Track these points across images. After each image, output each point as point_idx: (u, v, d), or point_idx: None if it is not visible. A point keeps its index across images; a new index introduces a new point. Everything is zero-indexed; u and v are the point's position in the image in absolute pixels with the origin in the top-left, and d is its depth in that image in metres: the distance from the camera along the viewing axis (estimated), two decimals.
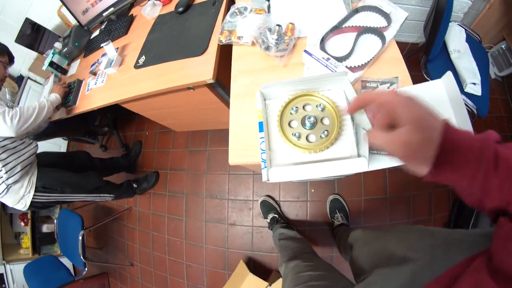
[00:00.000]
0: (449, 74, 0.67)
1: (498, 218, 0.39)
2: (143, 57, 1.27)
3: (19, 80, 2.37)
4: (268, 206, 1.71)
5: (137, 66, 1.27)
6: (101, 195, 1.82)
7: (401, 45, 0.93)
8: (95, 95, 1.45)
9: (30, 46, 1.95)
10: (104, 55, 1.55)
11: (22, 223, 2.39)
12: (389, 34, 0.88)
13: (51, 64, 1.79)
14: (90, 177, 1.75)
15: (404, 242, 0.65)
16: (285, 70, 0.89)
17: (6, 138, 1.32)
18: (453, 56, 1.41)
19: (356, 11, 0.95)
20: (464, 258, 0.47)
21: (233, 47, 0.99)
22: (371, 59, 0.84)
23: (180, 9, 1.29)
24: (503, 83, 1.94)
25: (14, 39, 1.86)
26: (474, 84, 1.33)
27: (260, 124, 0.68)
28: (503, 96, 1.91)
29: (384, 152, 0.63)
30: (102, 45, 1.46)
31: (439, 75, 1.42)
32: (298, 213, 1.72)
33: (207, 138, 2.09)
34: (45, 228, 2.50)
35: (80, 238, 1.78)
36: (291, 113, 0.70)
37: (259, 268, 1.72)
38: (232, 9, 1.05)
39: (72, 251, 1.84)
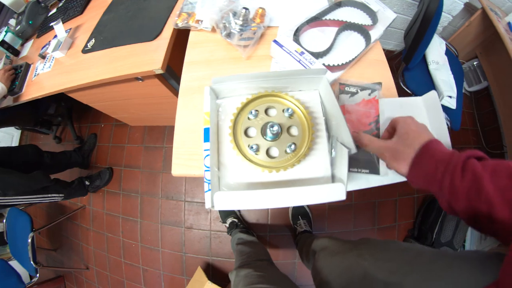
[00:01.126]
0: (433, 93, 0.57)
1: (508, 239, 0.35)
2: (93, 40, 1.06)
3: None
4: (227, 210, 1.54)
5: (85, 50, 1.06)
6: (49, 195, 1.55)
7: None
8: (42, 81, 1.22)
9: None
10: (55, 37, 1.29)
11: None
12: (375, 33, 0.75)
13: (2, 43, 1.50)
14: (36, 177, 1.49)
15: (384, 263, 0.51)
16: (248, 63, 0.72)
17: None
18: (432, 67, 1.34)
19: (339, 4, 0.81)
20: None
21: (190, 33, 0.81)
22: (353, 59, 0.71)
23: None
24: (471, 98, 1.96)
25: None
26: (450, 97, 1.28)
27: (206, 131, 0.48)
28: (470, 110, 1.92)
29: (364, 170, 0.55)
30: (51, 24, 1.23)
31: (415, 85, 1.31)
32: (259, 218, 1.57)
33: (165, 134, 1.88)
34: None
35: (29, 240, 1.49)
36: (249, 118, 0.51)
37: (217, 275, 1.55)
38: None
39: (23, 255, 1.57)
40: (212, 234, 1.61)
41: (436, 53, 1.38)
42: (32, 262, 1.48)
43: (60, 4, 1.52)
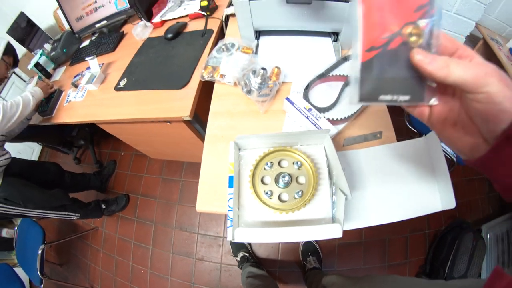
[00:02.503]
0: (432, 134, 0.65)
1: None
2: (125, 79, 1.23)
3: None
4: (239, 244, 1.64)
5: (117, 88, 1.22)
6: (66, 213, 1.71)
7: None
8: (73, 108, 1.39)
9: (21, 41, 1.88)
10: (88, 68, 1.50)
11: None
12: None
13: (37, 65, 1.73)
14: (57, 195, 1.65)
15: None
16: (265, 116, 0.85)
17: None
18: None
19: (345, 59, 0.92)
20: None
21: (215, 85, 0.96)
22: (355, 112, 0.81)
23: (169, 36, 1.26)
24: None
25: (6, 30, 1.80)
26: None
27: (231, 178, 0.62)
28: None
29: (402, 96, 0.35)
30: (86, 58, 1.41)
31: (421, 124, 1.44)
32: (269, 254, 1.65)
33: (183, 168, 2.04)
34: (5, 233, 2.26)
35: (40, 252, 1.64)
36: (265, 169, 0.64)
37: None
38: (220, 44, 1.03)
39: (30, 264, 1.70)
40: (223, 267, 1.69)
41: None
42: (38, 273, 1.61)
43: (93, 38, 1.75)
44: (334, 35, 1.00)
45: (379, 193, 0.68)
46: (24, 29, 1.86)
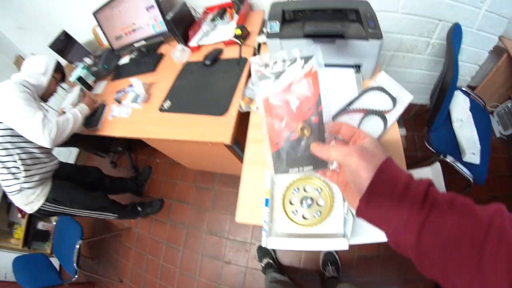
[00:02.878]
0: (437, 165, 0.81)
1: None
2: (168, 102, 1.41)
3: None
4: (264, 251, 1.81)
5: (162, 109, 1.41)
6: (105, 213, 1.94)
7: (409, 106, 1.00)
8: (118, 123, 1.58)
9: (61, 53, 2.14)
10: (130, 86, 1.68)
11: (20, 215, 2.45)
12: (392, 117, 0.98)
13: (80, 79, 1.96)
14: (98, 197, 1.87)
15: None
16: None
17: (38, 147, 1.45)
18: (456, 125, 1.49)
19: (366, 90, 1.06)
20: None
21: (251, 113, 1.13)
22: None
23: (207, 62, 1.44)
24: (507, 142, 1.99)
25: (48, 44, 2.06)
26: (473, 153, 1.39)
27: (267, 200, 0.83)
28: (507, 155, 1.96)
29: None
30: (130, 79, 1.60)
31: (440, 145, 1.49)
32: (292, 261, 1.81)
33: (215, 177, 2.23)
34: (41, 226, 2.57)
35: (77, 246, 1.89)
36: (293, 193, 0.86)
37: None
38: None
39: (66, 256, 1.95)
40: (248, 270, 1.87)
41: (460, 110, 1.51)
42: (74, 265, 1.85)
43: (132, 56, 1.95)
44: (356, 67, 1.14)
45: None
46: (63, 42, 2.11)
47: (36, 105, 1.37)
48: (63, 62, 2.30)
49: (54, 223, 2.20)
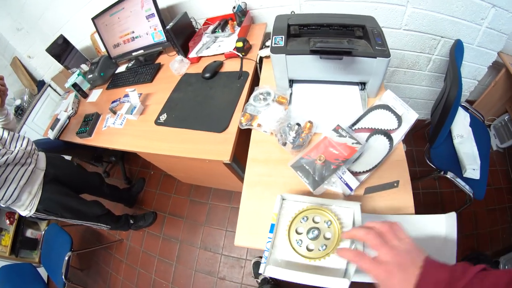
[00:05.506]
0: (452, 215, 0.75)
1: None
2: (165, 115, 1.35)
3: (40, 84, 2.53)
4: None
5: (157, 122, 1.35)
6: (99, 224, 1.86)
7: None
8: (112, 134, 1.52)
9: (58, 58, 2.09)
10: (126, 96, 1.65)
11: (8, 221, 2.37)
12: (397, 136, 0.95)
13: (75, 85, 1.90)
14: (94, 207, 1.80)
15: None
16: None
17: None
18: (456, 141, 1.49)
19: (371, 109, 1.03)
20: None
21: (252, 131, 1.08)
22: (377, 165, 0.90)
23: (207, 75, 1.39)
24: (504, 154, 2.04)
25: (45, 48, 2.03)
26: (474, 169, 1.40)
27: (272, 226, 0.76)
28: (503, 167, 2.00)
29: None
30: (127, 90, 1.54)
31: (441, 161, 1.48)
32: None
33: (210, 192, 2.18)
34: (29, 233, 2.49)
35: (66, 258, 1.80)
36: (300, 221, 0.78)
37: None
38: (256, 92, 1.15)
39: (55, 268, 1.86)
40: (243, 287, 1.80)
41: (460, 126, 1.52)
42: (63, 277, 1.76)
43: (130, 65, 1.90)
44: (362, 85, 1.11)
45: None
46: (60, 46, 2.06)
47: None
48: (60, 67, 2.27)
49: (43, 232, 2.11)
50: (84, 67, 2.12)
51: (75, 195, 1.69)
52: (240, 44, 1.40)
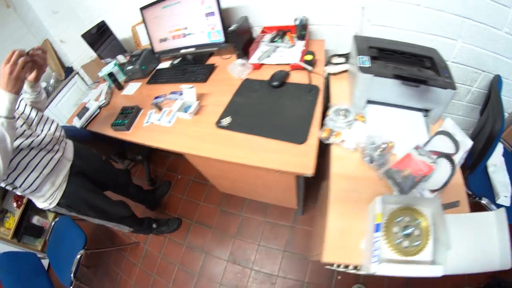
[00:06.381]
0: (502, 211, 0.88)
1: None
2: (229, 118, 1.35)
3: (68, 71, 2.56)
4: None
5: (219, 125, 1.34)
6: (122, 225, 1.81)
7: None
8: (155, 131, 1.49)
9: (92, 45, 2.12)
10: (174, 92, 1.66)
11: (15, 204, 2.35)
12: (456, 160, 1.08)
13: (110, 74, 1.92)
14: (119, 208, 1.74)
15: None
16: (380, 181, 1.06)
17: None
18: (490, 169, 1.66)
19: (436, 134, 1.15)
20: None
21: (332, 146, 1.14)
22: (445, 184, 1.04)
23: (275, 83, 1.41)
24: None
25: (80, 34, 2.08)
26: (506, 196, 1.58)
27: (377, 225, 0.85)
28: None
29: None
30: (181, 86, 1.55)
31: (478, 188, 1.64)
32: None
33: (244, 204, 2.17)
34: (36, 220, 2.50)
35: (78, 256, 1.77)
36: (396, 221, 0.94)
37: None
38: (335, 107, 1.22)
39: (62, 263, 1.84)
40: None
41: (495, 156, 1.68)
42: (72, 275, 1.72)
43: (175, 62, 1.90)
44: (425, 111, 1.24)
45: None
46: (97, 34, 2.08)
47: None
48: (91, 54, 2.31)
49: (52, 223, 2.07)
50: (121, 58, 2.12)
51: (101, 192, 1.63)
52: (309, 58, 1.45)
